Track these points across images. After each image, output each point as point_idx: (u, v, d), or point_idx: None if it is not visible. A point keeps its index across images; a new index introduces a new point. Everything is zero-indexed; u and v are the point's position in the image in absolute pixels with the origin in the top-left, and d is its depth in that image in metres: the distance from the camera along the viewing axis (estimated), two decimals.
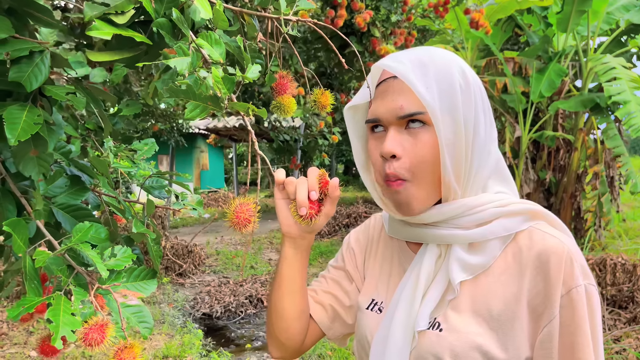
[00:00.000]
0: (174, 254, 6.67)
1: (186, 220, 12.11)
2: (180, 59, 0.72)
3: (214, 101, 0.74)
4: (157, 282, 0.90)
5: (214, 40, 0.78)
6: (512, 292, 0.76)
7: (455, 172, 0.78)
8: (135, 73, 3.45)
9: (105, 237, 0.89)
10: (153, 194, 1.24)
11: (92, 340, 0.66)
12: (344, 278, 1.02)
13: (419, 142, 0.77)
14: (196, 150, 16.42)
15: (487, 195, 0.82)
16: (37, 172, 0.90)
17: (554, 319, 0.73)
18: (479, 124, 0.79)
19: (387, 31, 5.95)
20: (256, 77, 0.81)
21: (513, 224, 0.79)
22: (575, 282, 0.73)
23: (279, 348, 0.98)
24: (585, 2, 6.36)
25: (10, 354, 4.03)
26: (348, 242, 1.05)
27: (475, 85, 0.81)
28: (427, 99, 0.75)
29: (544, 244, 0.76)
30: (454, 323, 0.77)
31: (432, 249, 0.83)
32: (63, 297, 0.70)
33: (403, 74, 0.77)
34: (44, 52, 0.84)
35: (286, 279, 0.92)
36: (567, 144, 7.73)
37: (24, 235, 0.78)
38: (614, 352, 3.75)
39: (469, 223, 0.80)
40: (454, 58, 0.81)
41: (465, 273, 0.79)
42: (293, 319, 0.94)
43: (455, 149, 0.77)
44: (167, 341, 4.36)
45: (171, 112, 8.51)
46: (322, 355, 4.06)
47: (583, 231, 7.56)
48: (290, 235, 0.89)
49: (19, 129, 0.77)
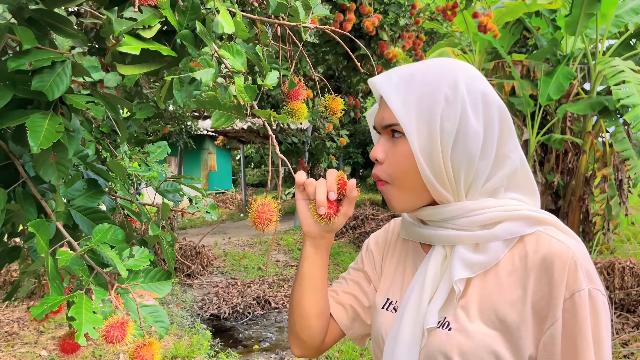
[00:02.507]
0: (182, 255, 6.71)
1: (194, 221, 12.17)
2: (205, 70, 0.75)
3: (237, 109, 0.78)
4: (172, 284, 0.93)
5: (236, 51, 0.81)
6: (519, 295, 0.78)
7: (438, 179, 0.82)
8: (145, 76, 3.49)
9: (123, 239, 0.93)
10: (167, 197, 1.27)
11: (114, 338, 0.69)
12: (363, 279, 1.05)
13: (397, 151, 0.85)
14: (204, 151, 16.48)
15: (492, 200, 0.85)
16: (57, 177, 0.93)
17: (556, 322, 0.75)
18: (466, 135, 0.81)
19: (395, 35, 5.97)
20: (275, 83, 0.85)
21: (517, 228, 0.81)
22: (579, 286, 0.74)
23: (300, 346, 1.02)
24: (593, 5, 6.35)
25: (21, 353, 4.08)
26: (367, 245, 1.10)
27: (468, 98, 0.81)
28: (398, 112, 0.82)
29: (550, 247, 0.78)
30: (463, 323, 0.80)
31: (438, 250, 0.87)
32: (84, 296, 0.73)
33: (383, 91, 0.84)
34: (66, 62, 0.87)
35: (307, 278, 0.96)
36: (576, 147, 7.70)
37: (46, 236, 0.81)
38: (622, 355, 3.74)
39: (471, 225, 0.83)
40: (452, 71, 0.83)
41: (466, 271, 0.81)
42: (314, 317, 0.98)
43: (433, 159, 0.81)
44: (175, 341, 4.39)
45: (180, 114, 8.57)
46: (330, 357, 4.08)
47: (591, 234, 7.52)
48: (310, 235, 0.94)
49: (42, 137, 0.80)
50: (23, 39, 0.79)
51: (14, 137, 1.02)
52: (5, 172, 1.03)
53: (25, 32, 0.82)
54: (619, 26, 7.13)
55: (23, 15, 0.94)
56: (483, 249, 0.82)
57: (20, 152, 1.07)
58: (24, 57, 0.82)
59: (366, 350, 4.18)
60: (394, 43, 6.00)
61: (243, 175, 14.97)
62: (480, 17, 6.17)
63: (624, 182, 7.47)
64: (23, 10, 0.93)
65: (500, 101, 0.84)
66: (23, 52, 0.82)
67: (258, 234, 10.30)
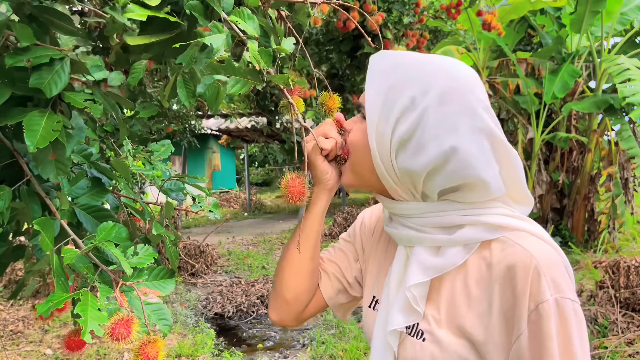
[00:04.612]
0: (186, 254, 6.73)
1: (198, 220, 12.20)
2: (216, 36, 0.73)
3: (253, 75, 0.76)
4: (175, 282, 0.93)
5: (247, 15, 0.80)
6: (484, 308, 0.75)
7: (383, 173, 0.81)
8: (149, 75, 3.50)
9: (126, 237, 0.93)
10: (171, 196, 1.27)
11: (119, 335, 0.69)
12: (351, 252, 1.05)
13: (356, 128, 0.86)
14: (208, 151, 16.52)
15: (454, 204, 0.80)
16: (55, 174, 0.93)
17: (521, 335, 0.71)
18: (418, 145, 0.77)
19: (399, 33, 5.96)
20: (292, 49, 0.83)
21: (477, 234, 0.78)
22: (542, 296, 0.70)
23: (282, 310, 0.99)
24: (599, 3, 6.32)
25: (25, 352, 4.10)
26: (363, 218, 1.09)
27: (437, 108, 0.76)
28: (368, 100, 0.81)
29: (514, 256, 0.74)
30: (436, 333, 0.79)
31: (400, 251, 0.86)
32: (90, 293, 0.73)
33: (369, 74, 0.84)
34: (64, 59, 0.87)
35: (315, 232, 0.96)
36: (581, 146, 7.67)
37: (50, 234, 0.81)
38: (627, 354, 3.73)
39: (428, 226, 0.81)
40: (437, 74, 0.78)
41: (422, 274, 0.79)
42: (307, 274, 0.97)
43: (378, 152, 0.80)
44: (179, 340, 4.40)
45: (184, 113, 8.59)
46: (334, 356, 4.08)
47: (597, 233, 7.49)
48: (329, 186, 0.94)
49: (38, 136, 0.80)
50: (21, 36, 0.79)
51: (15, 134, 1.02)
52: (10, 170, 1.03)
53: (23, 29, 0.82)
54: (625, 24, 7.10)
55: (24, 11, 0.94)
56: (441, 253, 0.80)
57: (24, 151, 1.07)
58: (21, 54, 0.82)
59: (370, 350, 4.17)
60: (397, 41, 5.99)
61: (247, 174, 14.99)
62: (484, 15, 6.15)
63: (630, 180, 7.44)
64: (24, 6, 0.93)
65: (489, 126, 0.76)
66: (21, 49, 0.82)
67: (262, 233, 10.31)
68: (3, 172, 1.04)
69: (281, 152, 12.50)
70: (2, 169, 1.04)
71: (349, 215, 10.19)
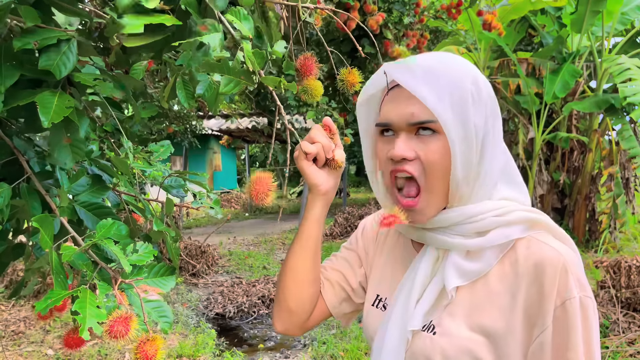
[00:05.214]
0: (187, 255, 6.72)
1: (199, 220, 12.20)
2: (212, 35, 0.74)
3: (246, 75, 0.76)
4: (176, 280, 0.93)
5: (243, 16, 0.80)
6: (507, 301, 0.77)
7: (464, 178, 0.79)
8: (149, 75, 3.49)
9: (127, 234, 0.93)
10: (171, 193, 1.27)
11: (118, 333, 0.69)
12: (354, 259, 1.04)
13: (430, 150, 0.79)
14: (209, 151, 16.52)
15: (490, 203, 0.82)
16: (72, 159, 0.93)
17: (546, 330, 0.74)
18: (488, 132, 0.80)
19: (400, 33, 5.95)
20: (284, 52, 0.83)
21: (511, 233, 0.79)
22: (570, 293, 0.73)
23: (286, 318, 0.98)
24: (599, 3, 6.31)
25: (27, 352, 4.10)
26: (364, 226, 1.08)
27: (487, 93, 0.81)
28: (438, 110, 0.76)
29: (541, 254, 0.76)
30: (448, 327, 0.79)
31: (431, 252, 0.85)
32: (88, 290, 0.73)
33: (413, 88, 0.78)
34: (71, 40, 0.86)
35: (313, 239, 0.95)
36: (582, 145, 7.66)
37: (50, 231, 0.81)
38: (629, 354, 3.72)
39: (468, 231, 0.81)
40: (468, 67, 0.82)
41: (460, 279, 0.80)
42: (309, 283, 0.96)
43: (465, 157, 0.78)
44: (181, 340, 4.40)
45: (185, 114, 8.59)
46: (335, 356, 4.08)
47: (598, 233, 7.49)
48: (322, 192, 0.93)
49: (52, 112, 0.80)
50: (26, 16, 0.79)
51: (26, 119, 1.01)
52: (10, 168, 1.03)
53: (28, 11, 0.82)
54: (625, 24, 7.10)
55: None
56: (476, 257, 0.81)
57: (24, 148, 1.07)
58: (29, 36, 0.81)
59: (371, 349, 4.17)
60: (398, 41, 5.99)
61: (248, 175, 14.99)
62: (485, 15, 6.15)
63: (631, 180, 7.43)
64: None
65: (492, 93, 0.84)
66: (28, 31, 0.82)
67: (263, 233, 10.31)
68: (3, 169, 1.04)
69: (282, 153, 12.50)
70: (2, 167, 1.04)
71: (349, 215, 10.20)
